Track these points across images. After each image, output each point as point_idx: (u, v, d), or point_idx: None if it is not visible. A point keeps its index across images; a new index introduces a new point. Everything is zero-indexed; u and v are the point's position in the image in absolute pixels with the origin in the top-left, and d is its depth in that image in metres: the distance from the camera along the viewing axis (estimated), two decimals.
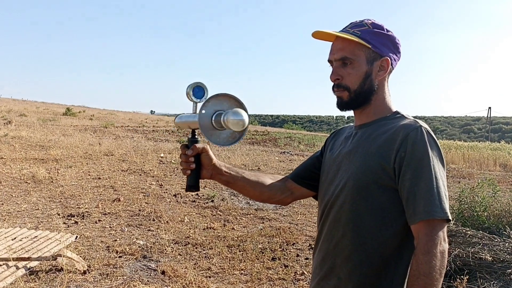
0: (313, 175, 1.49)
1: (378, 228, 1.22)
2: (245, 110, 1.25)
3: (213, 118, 1.24)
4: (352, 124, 1.45)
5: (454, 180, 11.03)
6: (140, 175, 8.84)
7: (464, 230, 4.19)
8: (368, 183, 1.23)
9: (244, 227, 5.63)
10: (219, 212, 6.25)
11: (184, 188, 1.45)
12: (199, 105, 1.42)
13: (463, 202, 5.33)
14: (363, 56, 1.27)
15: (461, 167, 13.71)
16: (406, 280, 1.22)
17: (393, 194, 1.21)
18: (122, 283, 3.65)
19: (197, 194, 7.20)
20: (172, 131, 23.21)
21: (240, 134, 1.30)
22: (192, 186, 1.39)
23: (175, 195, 7.16)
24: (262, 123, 76.41)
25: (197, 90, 1.40)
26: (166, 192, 7.34)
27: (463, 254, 3.81)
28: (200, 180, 1.41)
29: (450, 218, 1.15)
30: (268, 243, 4.96)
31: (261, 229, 5.53)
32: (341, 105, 1.33)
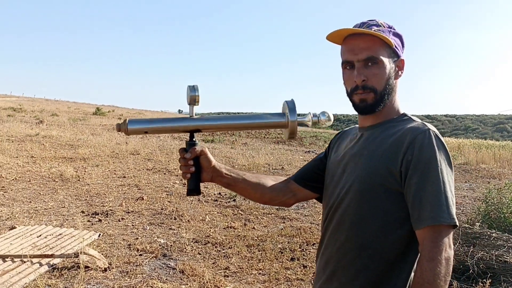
0: (316, 176, 1.47)
1: (382, 232, 1.20)
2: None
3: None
4: (357, 125, 1.42)
5: (484, 181, 10.72)
6: (165, 174, 8.96)
7: (488, 232, 4.07)
8: (374, 186, 1.21)
9: (264, 226, 5.62)
10: (240, 212, 6.26)
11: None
12: (195, 108, 1.39)
13: (489, 203, 5.18)
14: (386, 56, 1.24)
15: (491, 167, 13.31)
16: (408, 285, 1.20)
17: (398, 198, 1.18)
18: (141, 281, 3.70)
19: (219, 193, 7.24)
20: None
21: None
22: (193, 189, 1.38)
23: None
24: None
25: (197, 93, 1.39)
26: None
27: (486, 257, 3.70)
28: (201, 183, 1.41)
29: (457, 223, 1.12)
30: (288, 243, 4.94)
31: (282, 228, 5.52)
32: (366, 108, 1.27)
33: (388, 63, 1.24)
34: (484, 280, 3.35)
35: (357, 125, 1.42)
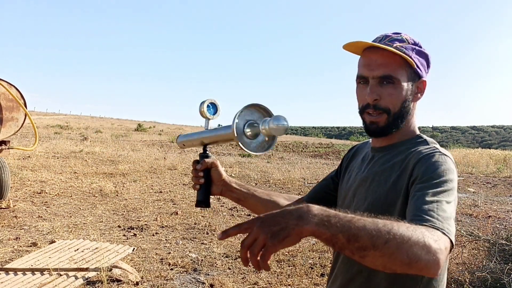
0: (328, 196, 1.42)
1: None
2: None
3: (245, 128, 1.19)
4: (370, 141, 1.34)
5: None
6: None
7: None
8: (384, 216, 1.16)
9: None
10: None
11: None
12: (212, 121, 1.47)
13: None
14: (405, 76, 1.14)
15: None
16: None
17: None
18: None
19: None
20: (236, 145, 23.60)
21: (270, 143, 1.22)
22: (202, 201, 1.40)
23: (231, 209, 7.29)
24: (328, 135, 75.51)
25: (211, 107, 1.46)
26: (223, 206, 7.49)
27: None
28: (211, 196, 1.44)
29: (453, 242, 0.97)
30: (319, 258, 4.90)
31: (314, 244, 5.48)
32: (376, 131, 1.19)
33: (406, 84, 1.15)
34: None
35: (370, 141, 1.34)
